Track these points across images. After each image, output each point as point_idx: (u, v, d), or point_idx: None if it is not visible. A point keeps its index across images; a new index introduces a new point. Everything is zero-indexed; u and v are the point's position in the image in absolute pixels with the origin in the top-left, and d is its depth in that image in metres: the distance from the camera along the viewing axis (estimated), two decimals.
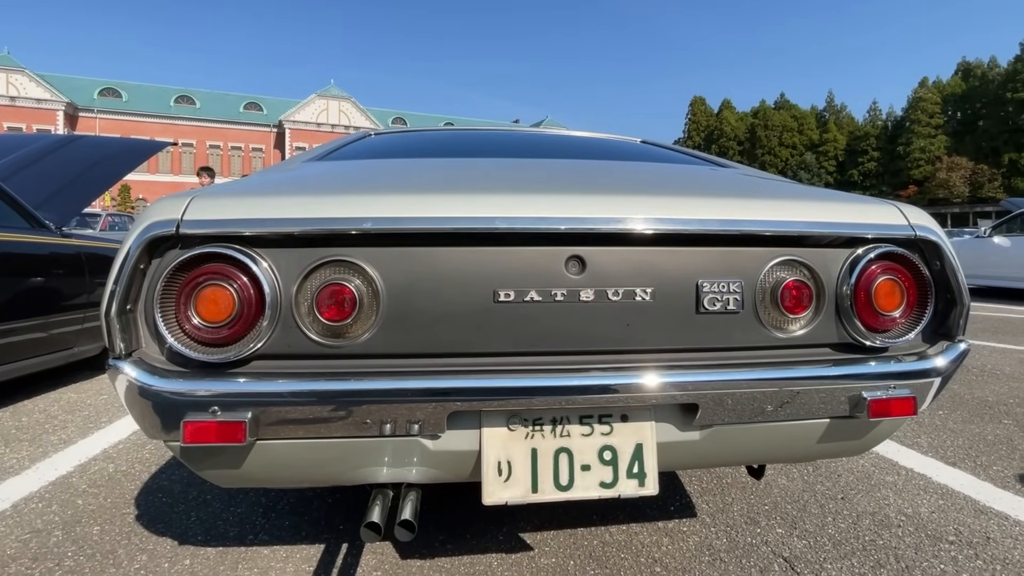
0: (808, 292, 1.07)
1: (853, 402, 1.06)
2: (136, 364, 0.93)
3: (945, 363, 1.09)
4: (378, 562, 1.34)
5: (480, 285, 0.98)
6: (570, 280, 1.00)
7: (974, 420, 2.48)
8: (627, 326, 1.02)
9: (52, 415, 2.51)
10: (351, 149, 1.88)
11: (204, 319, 0.93)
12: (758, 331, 1.06)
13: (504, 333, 0.99)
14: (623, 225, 0.98)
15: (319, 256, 0.96)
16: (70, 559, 1.34)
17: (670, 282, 1.02)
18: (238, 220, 0.94)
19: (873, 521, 1.55)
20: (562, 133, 2.45)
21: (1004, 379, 3.26)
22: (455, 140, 2.10)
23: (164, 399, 0.91)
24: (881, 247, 1.08)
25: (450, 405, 0.96)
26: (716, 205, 1.05)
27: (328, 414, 0.94)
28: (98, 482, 1.78)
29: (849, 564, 1.34)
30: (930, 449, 2.12)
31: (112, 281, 0.92)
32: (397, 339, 0.98)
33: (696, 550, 1.40)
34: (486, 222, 0.96)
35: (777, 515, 1.58)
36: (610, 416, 1.04)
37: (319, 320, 0.96)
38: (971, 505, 1.65)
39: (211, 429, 0.91)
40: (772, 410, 1.04)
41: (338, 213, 0.95)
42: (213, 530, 1.49)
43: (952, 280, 1.09)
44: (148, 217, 0.95)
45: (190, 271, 0.94)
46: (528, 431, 1.02)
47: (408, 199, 0.99)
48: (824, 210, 1.09)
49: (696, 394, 1.00)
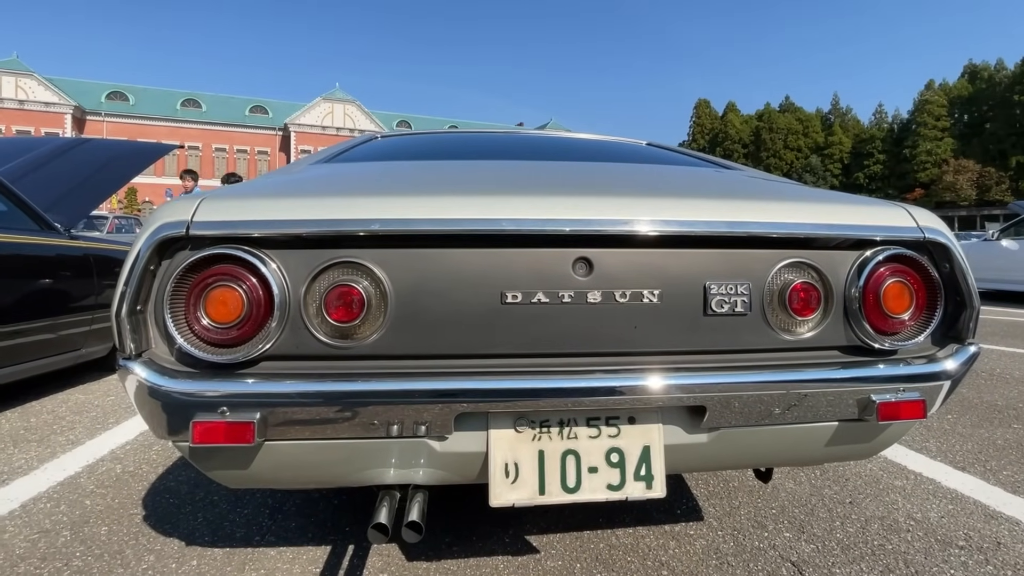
0: (816, 294, 1.07)
1: (862, 405, 1.05)
2: (146, 365, 0.93)
3: (955, 366, 1.08)
4: (384, 564, 1.34)
5: (487, 287, 0.98)
6: (577, 282, 1.00)
7: (983, 424, 2.46)
8: (634, 328, 1.02)
9: (60, 416, 2.53)
10: (358, 151, 1.88)
11: (213, 320, 0.94)
12: (766, 333, 1.06)
13: (511, 335, 1.00)
14: (630, 227, 0.98)
15: (328, 257, 0.97)
16: (78, 559, 1.35)
17: (678, 284, 1.02)
18: (247, 222, 0.95)
19: (882, 526, 1.54)
20: (568, 136, 2.45)
21: (1014, 383, 3.23)
22: (461, 143, 2.11)
23: (173, 399, 0.92)
24: (890, 249, 1.07)
25: (457, 407, 0.96)
26: (723, 207, 1.05)
27: (336, 415, 0.94)
28: (106, 483, 1.79)
29: (858, 569, 1.33)
30: (939, 453, 2.11)
31: (123, 282, 0.92)
32: (405, 340, 0.99)
33: (703, 554, 1.39)
34: (493, 224, 0.96)
35: (785, 519, 1.57)
36: (617, 418, 1.04)
37: (327, 321, 0.96)
38: (981, 510, 1.64)
39: (220, 430, 0.91)
40: (780, 413, 1.03)
41: (346, 215, 0.96)
42: (220, 531, 1.49)
43: (962, 282, 1.08)
44: (159, 219, 0.95)
45: (200, 272, 0.94)
46: (535, 433, 1.02)
47: (416, 201, 0.99)
48: (832, 212, 1.08)
49: (704, 396, 1.00)
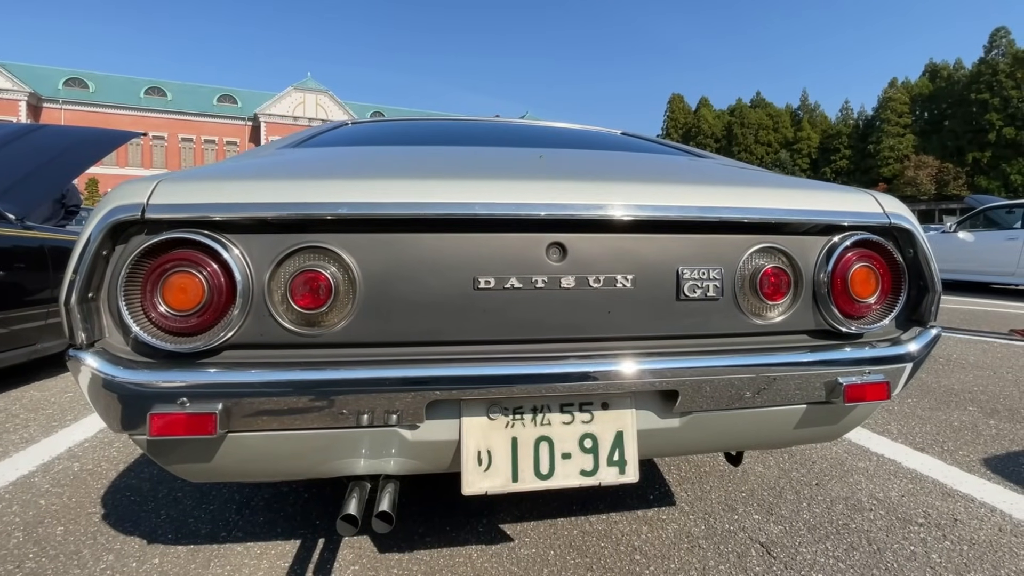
0: (786, 279, 1.08)
1: (829, 387, 1.07)
2: (99, 355, 0.89)
3: (918, 348, 1.11)
4: (355, 556, 1.31)
5: (460, 272, 0.96)
6: (551, 267, 0.99)
7: (941, 407, 2.56)
8: (608, 313, 1.01)
9: (13, 414, 2.41)
10: (328, 136, 1.83)
11: (171, 307, 0.90)
12: (737, 318, 1.07)
13: (484, 321, 0.98)
14: (604, 212, 0.98)
15: (293, 242, 0.94)
16: (31, 561, 1.29)
17: (651, 269, 1.02)
18: (208, 204, 0.91)
19: (846, 506, 1.58)
20: (542, 124, 2.44)
21: (969, 368, 3.37)
22: (435, 129, 2.07)
23: (129, 391, 0.88)
24: (857, 234, 1.09)
25: (429, 394, 0.94)
26: (696, 192, 1.05)
27: (303, 405, 0.92)
28: (62, 481, 1.72)
29: (823, 548, 1.36)
30: (900, 436, 2.18)
31: (72, 269, 0.87)
32: (374, 327, 0.96)
33: (675, 537, 1.41)
34: (465, 208, 0.94)
35: (754, 502, 1.61)
36: (591, 404, 1.04)
37: (293, 308, 0.93)
38: (939, 489, 1.70)
39: (179, 421, 0.88)
40: (751, 396, 1.05)
41: (313, 198, 0.92)
42: (184, 528, 1.45)
43: (924, 267, 1.11)
44: (111, 201, 0.90)
45: (156, 257, 0.90)
46: (508, 420, 1.01)
47: (386, 184, 0.96)
48: (802, 198, 1.10)
49: (676, 381, 1.00)
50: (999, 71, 46.57)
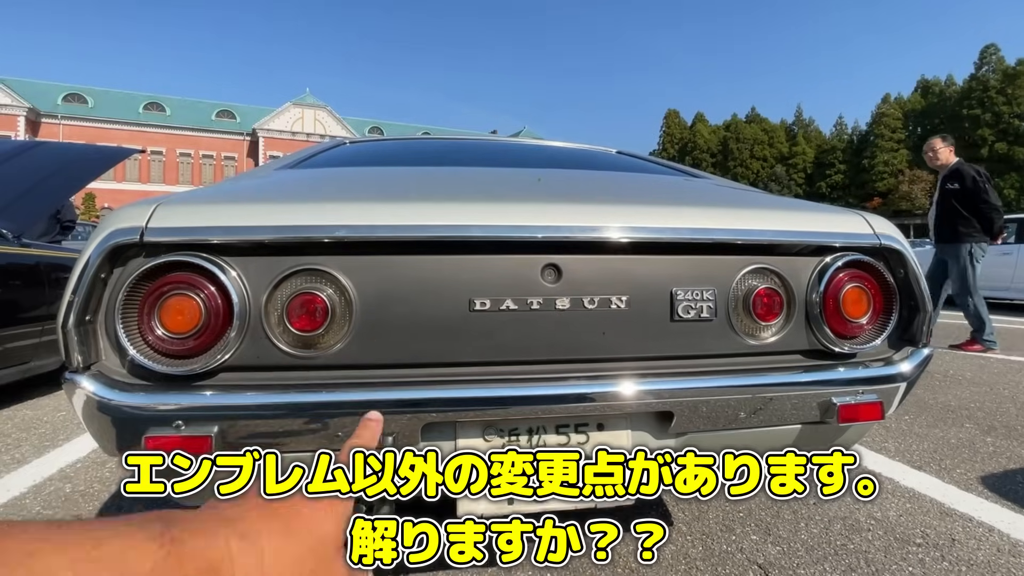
0: (779, 299, 1.09)
1: (823, 408, 1.08)
2: (95, 377, 0.89)
3: (910, 368, 1.12)
4: None
5: (455, 294, 0.97)
6: (546, 288, 0.99)
7: (938, 424, 2.56)
8: (603, 334, 1.02)
9: (5, 433, 2.39)
10: (325, 157, 1.85)
11: (169, 330, 0.90)
12: (731, 338, 1.07)
13: (480, 342, 0.98)
14: (599, 234, 0.99)
15: (290, 265, 0.94)
16: None
17: (645, 290, 1.03)
18: (205, 228, 0.91)
19: (844, 526, 1.58)
20: (538, 143, 2.47)
21: (965, 384, 3.37)
22: (431, 149, 2.10)
23: (125, 413, 0.87)
24: (848, 255, 1.10)
25: (425, 416, 0.94)
26: (690, 214, 1.07)
27: (299, 427, 0.91)
28: (53, 503, 1.70)
29: (821, 569, 1.36)
30: (897, 453, 2.18)
31: (71, 291, 0.88)
32: (370, 349, 0.96)
33: (672, 559, 1.40)
34: (461, 230, 0.95)
35: (751, 522, 1.60)
36: (586, 425, 1.04)
37: (289, 330, 0.93)
38: (937, 508, 1.69)
39: (174, 444, 0.87)
40: (745, 417, 1.05)
41: (310, 221, 0.93)
42: None
43: (915, 287, 1.12)
44: (110, 224, 0.91)
45: (155, 280, 0.90)
46: (504, 442, 1.01)
47: (382, 207, 0.97)
48: (794, 219, 1.11)
49: (671, 402, 1.01)
50: (990, 87, 47.27)
